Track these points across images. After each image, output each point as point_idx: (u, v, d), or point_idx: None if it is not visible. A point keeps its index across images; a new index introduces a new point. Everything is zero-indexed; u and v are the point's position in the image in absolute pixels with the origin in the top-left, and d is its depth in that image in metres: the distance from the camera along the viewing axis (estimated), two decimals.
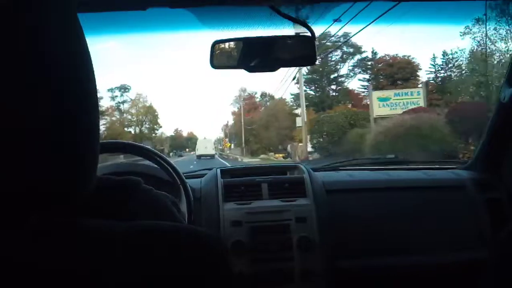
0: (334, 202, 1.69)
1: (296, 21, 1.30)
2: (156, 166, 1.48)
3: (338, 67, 35.25)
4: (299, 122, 22.95)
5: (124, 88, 46.25)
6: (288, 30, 1.36)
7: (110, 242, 0.37)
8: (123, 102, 46.23)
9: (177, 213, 0.60)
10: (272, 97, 43.04)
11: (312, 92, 35.39)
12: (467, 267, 1.65)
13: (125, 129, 44.78)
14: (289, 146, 27.09)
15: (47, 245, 0.35)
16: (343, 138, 18.60)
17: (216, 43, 1.33)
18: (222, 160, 29.53)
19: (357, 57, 34.58)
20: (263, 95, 47.83)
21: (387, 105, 19.26)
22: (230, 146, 50.24)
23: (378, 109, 19.18)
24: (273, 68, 1.38)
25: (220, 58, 1.36)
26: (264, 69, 1.40)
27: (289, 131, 32.19)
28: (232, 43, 1.36)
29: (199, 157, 30.41)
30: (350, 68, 35.08)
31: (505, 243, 1.41)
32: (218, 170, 1.80)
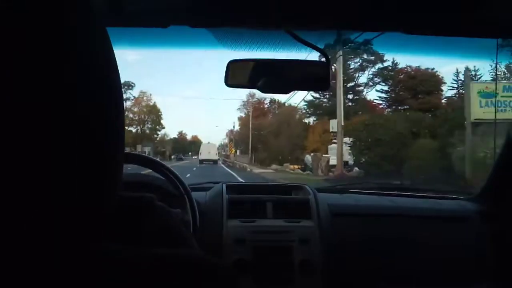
0: (338, 226, 1.70)
1: (311, 46, 1.33)
2: (162, 177, 1.50)
3: (357, 75, 34.18)
4: (334, 126, 18.84)
5: (127, 85, 45.90)
6: (303, 54, 1.39)
7: (134, 272, 0.37)
8: (126, 99, 45.72)
9: (187, 232, 0.60)
10: (282, 104, 41.90)
11: (325, 100, 34.49)
12: None
13: (126, 127, 44.51)
14: (308, 156, 24.50)
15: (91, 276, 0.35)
16: (402, 151, 14.32)
17: (231, 62, 1.37)
18: (227, 169, 27.34)
19: (378, 65, 33.15)
20: (273, 101, 47.26)
21: (491, 104, 12.85)
22: (235, 152, 47.85)
23: (478, 110, 12.83)
24: (285, 90, 1.41)
25: (235, 77, 1.39)
26: (276, 91, 1.43)
27: (300, 140, 31.19)
28: (247, 63, 1.40)
29: (201, 161, 30.00)
30: (370, 77, 33.88)
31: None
32: (224, 186, 1.82)
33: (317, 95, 33.92)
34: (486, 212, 1.81)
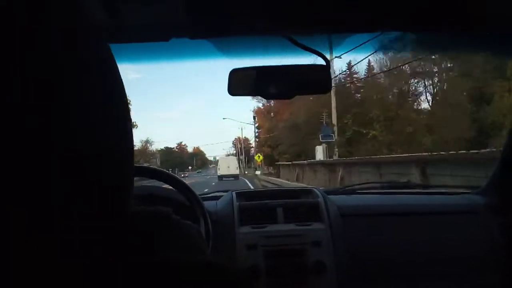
0: (349, 226, 1.71)
1: (311, 50, 1.34)
2: (173, 189, 1.52)
3: None
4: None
5: None
6: (303, 58, 1.41)
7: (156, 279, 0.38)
8: None
9: (203, 244, 0.61)
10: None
11: None
12: None
13: None
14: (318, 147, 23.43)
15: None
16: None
17: (233, 71, 1.38)
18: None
19: None
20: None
21: None
22: (261, 161, 37.47)
23: None
24: (288, 96, 1.42)
25: (238, 85, 1.41)
26: (280, 96, 1.44)
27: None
28: (249, 71, 1.41)
29: (221, 178, 26.99)
30: None
31: None
32: (234, 193, 1.83)
33: None
34: (494, 205, 1.81)
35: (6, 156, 0.28)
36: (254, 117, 45.59)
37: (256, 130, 46.01)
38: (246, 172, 45.91)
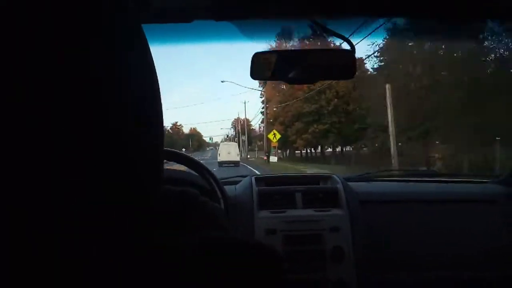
0: (368, 213, 1.70)
1: (336, 35, 1.31)
2: (195, 173, 1.52)
3: None
4: None
5: None
6: (328, 43, 1.38)
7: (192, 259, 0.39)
8: None
9: (228, 224, 0.62)
10: None
11: None
12: (501, 282, 1.62)
13: None
14: None
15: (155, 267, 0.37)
16: None
17: (256, 55, 1.36)
18: None
19: None
20: None
21: None
22: (276, 144, 26.65)
23: None
24: (311, 80, 1.40)
25: (260, 69, 1.38)
26: (302, 81, 1.42)
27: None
28: (271, 55, 1.39)
29: (221, 164, 25.94)
30: None
31: None
32: (253, 178, 1.83)
33: None
34: None
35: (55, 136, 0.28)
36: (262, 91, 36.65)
37: (263, 108, 36.48)
38: (248, 157, 41.48)
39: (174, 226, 0.46)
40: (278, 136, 26.09)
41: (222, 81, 33.69)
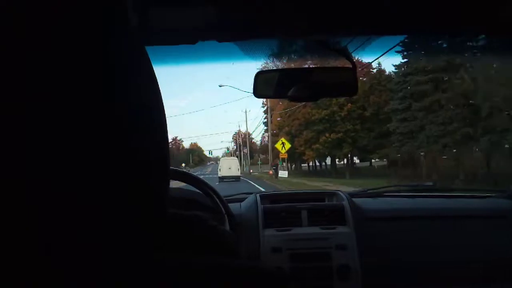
0: (374, 230, 1.69)
1: (337, 52, 1.33)
2: (199, 191, 1.52)
3: None
4: None
5: None
6: (329, 61, 1.40)
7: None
8: None
9: (237, 249, 0.62)
10: None
11: None
12: None
13: None
14: None
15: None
16: None
17: (259, 73, 1.39)
18: None
19: None
20: None
21: None
22: (285, 156, 24.59)
23: None
24: (314, 98, 1.42)
25: (263, 87, 1.41)
26: (305, 99, 1.44)
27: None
28: (274, 73, 1.41)
29: (222, 179, 25.81)
30: None
31: None
32: (258, 196, 1.83)
33: None
34: None
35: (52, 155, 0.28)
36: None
37: (266, 117, 35.38)
38: (251, 171, 39.56)
39: (183, 250, 0.46)
40: (288, 145, 23.36)
41: (220, 86, 31.42)
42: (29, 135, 0.28)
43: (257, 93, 1.40)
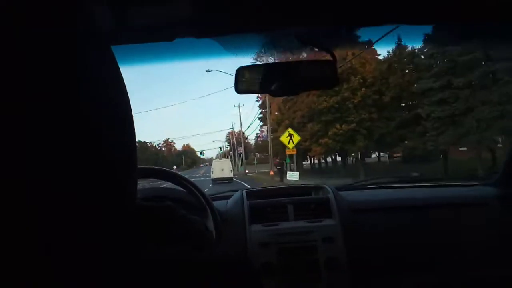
0: (360, 221, 1.70)
1: (317, 45, 1.33)
2: (183, 189, 1.51)
3: None
4: None
5: None
6: (310, 54, 1.40)
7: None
8: None
9: (210, 238, 0.62)
10: None
11: None
12: (494, 284, 1.62)
13: None
14: None
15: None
16: None
17: (240, 69, 1.38)
18: None
19: None
20: None
21: None
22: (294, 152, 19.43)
23: None
24: (295, 92, 1.41)
25: (244, 83, 1.40)
26: (287, 93, 1.44)
27: None
28: (255, 68, 1.41)
29: (215, 181, 25.57)
30: None
31: None
32: (244, 192, 1.83)
33: None
34: (506, 196, 1.79)
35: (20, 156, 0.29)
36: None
37: (261, 112, 32.39)
38: (247, 172, 37.62)
39: (153, 239, 0.46)
40: (297, 138, 18.49)
41: (207, 71, 26.94)
42: None
43: (239, 88, 1.39)
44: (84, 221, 0.33)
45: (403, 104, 20.56)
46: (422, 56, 18.54)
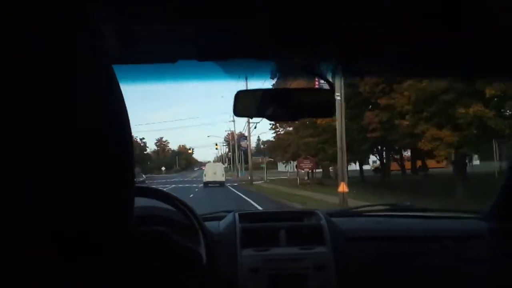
0: (353, 250, 1.69)
1: (316, 75, 1.36)
2: (174, 209, 1.51)
3: None
4: None
5: None
6: (308, 82, 1.42)
7: None
8: None
9: (202, 265, 0.61)
10: None
11: None
12: None
13: None
14: None
15: None
16: None
17: (239, 93, 1.40)
18: None
19: None
20: None
21: None
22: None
23: None
24: (292, 118, 1.44)
25: (243, 107, 1.42)
26: (284, 119, 1.47)
27: None
28: (254, 93, 1.43)
29: (206, 184, 25.65)
30: None
31: None
32: (237, 215, 1.82)
33: None
34: (499, 230, 1.80)
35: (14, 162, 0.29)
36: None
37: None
38: (250, 178, 31.76)
39: (145, 266, 0.46)
40: None
41: (222, 96, 29.07)
42: None
43: (237, 112, 1.41)
44: (84, 221, 0.33)
45: None
46: None
